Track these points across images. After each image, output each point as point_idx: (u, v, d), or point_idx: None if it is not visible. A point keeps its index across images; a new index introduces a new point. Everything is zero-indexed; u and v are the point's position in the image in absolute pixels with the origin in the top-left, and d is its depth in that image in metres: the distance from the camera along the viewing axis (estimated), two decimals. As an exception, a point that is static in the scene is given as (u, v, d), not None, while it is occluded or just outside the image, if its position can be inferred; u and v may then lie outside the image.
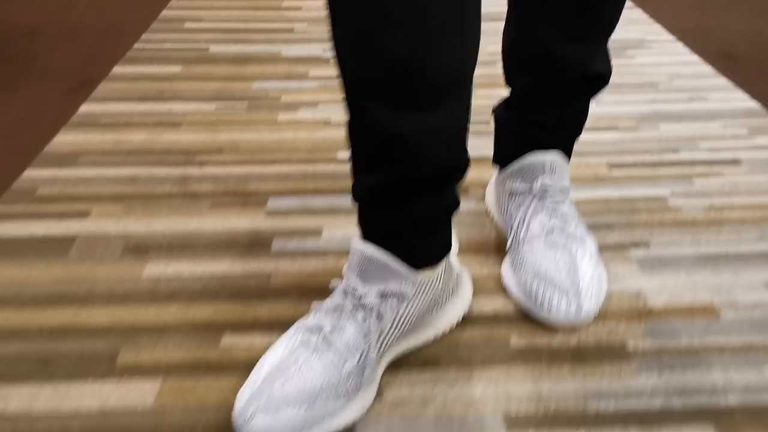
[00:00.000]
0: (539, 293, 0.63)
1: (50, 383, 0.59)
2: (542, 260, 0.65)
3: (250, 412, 0.51)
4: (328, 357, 0.54)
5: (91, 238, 0.78)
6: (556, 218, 0.68)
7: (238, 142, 0.99)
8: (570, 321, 0.62)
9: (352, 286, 0.56)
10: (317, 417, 0.52)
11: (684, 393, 0.58)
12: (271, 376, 0.53)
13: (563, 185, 0.69)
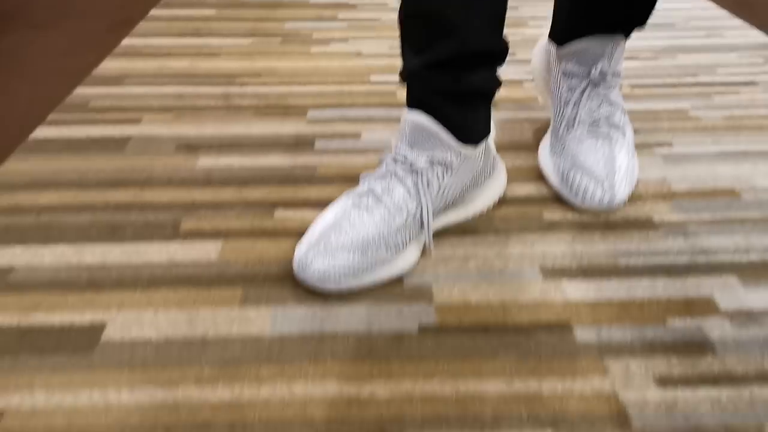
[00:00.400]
0: (575, 181, 0.67)
1: (120, 244, 0.64)
2: (583, 150, 0.68)
3: (309, 258, 0.56)
4: (379, 212, 0.58)
5: (145, 139, 0.83)
6: (605, 106, 0.70)
7: (275, 68, 1.04)
8: (602, 208, 0.66)
9: (402, 153, 0.60)
10: (370, 263, 0.57)
11: (708, 252, 0.62)
12: (327, 230, 0.58)
13: (617, 69, 0.70)
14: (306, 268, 0.56)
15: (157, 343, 0.52)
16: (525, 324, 0.54)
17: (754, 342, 0.52)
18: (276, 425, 0.46)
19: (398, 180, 0.60)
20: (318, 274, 0.56)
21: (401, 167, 0.60)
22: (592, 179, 0.66)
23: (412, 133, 0.59)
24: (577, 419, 0.46)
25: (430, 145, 0.59)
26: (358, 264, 0.56)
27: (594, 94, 0.70)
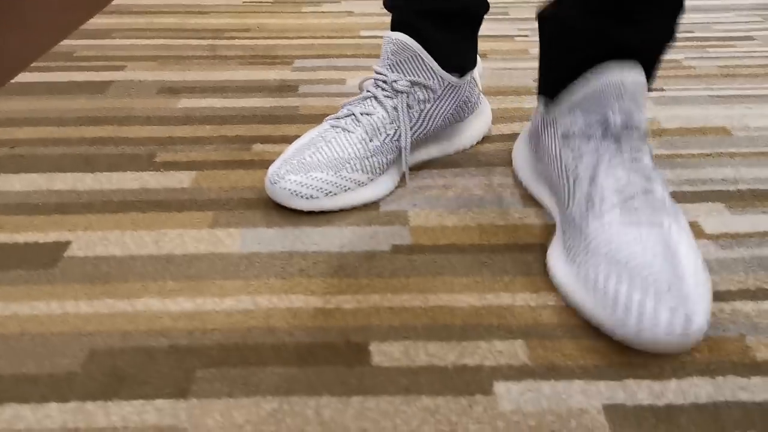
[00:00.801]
0: (620, 299, 0.41)
1: (92, 173, 0.62)
2: (621, 246, 0.43)
3: (282, 173, 0.54)
4: (356, 133, 0.57)
5: (127, 83, 0.82)
6: (637, 179, 0.45)
7: (264, 24, 1.03)
8: (673, 345, 0.39)
9: (383, 75, 0.58)
10: (343, 184, 0.55)
11: (696, 182, 0.60)
12: (302, 148, 0.57)
13: (643, 126, 0.47)
14: (277, 182, 0.54)
15: (121, 259, 0.51)
16: (501, 245, 0.52)
17: (738, 261, 0.50)
18: (236, 333, 0.44)
19: (378, 102, 0.58)
20: (289, 190, 0.54)
21: (381, 90, 0.58)
22: (647, 294, 0.40)
23: (394, 53, 0.57)
24: (549, 330, 0.44)
25: (412, 68, 0.57)
26: (332, 183, 0.55)
27: (617, 157, 0.46)
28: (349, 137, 0.57)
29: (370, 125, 0.57)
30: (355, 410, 0.38)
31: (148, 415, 0.38)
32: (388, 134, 0.57)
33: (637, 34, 0.46)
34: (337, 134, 0.57)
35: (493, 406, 0.39)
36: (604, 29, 0.46)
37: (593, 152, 0.47)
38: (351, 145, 0.56)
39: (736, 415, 0.38)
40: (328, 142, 0.56)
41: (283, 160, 0.56)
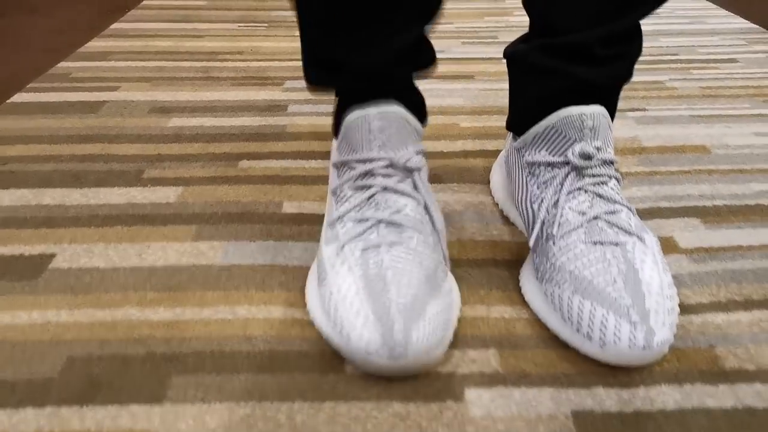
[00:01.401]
0: (583, 315, 0.42)
1: (80, 188, 0.63)
2: (585, 264, 0.44)
3: (399, 338, 0.39)
4: (414, 239, 0.45)
5: (120, 102, 0.83)
6: (599, 204, 0.47)
7: (257, 47, 1.05)
8: (635, 358, 0.40)
9: (384, 159, 0.47)
10: (446, 299, 0.44)
11: (672, 199, 0.61)
12: (378, 296, 0.41)
13: (607, 156, 0.48)
14: (405, 352, 0.39)
15: (104, 270, 0.52)
16: (480, 260, 0.53)
17: (711, 275, 0.50)
18: (213, 341, 0.45)
19: (397, 193, 0.47)
20: (424, 348, 0.39)
21: (389, 177, 0.47)
22: (610, 309, 0.41)
23: (383, 130, 0.47)
24: (522, 340, 0.45)
25: (405, 139, 0.48)
26: (443, 303, 0.43)
27: (579, 188, 0.47)
28: (411, 248, 0.45)
29: (415, 222, 0.46)
30: (327, 415, 0.39)
31: (122, 420, 0.39)
32: (429, 222, 0.48)
33: (597, 75, 0.48)
34: (392, 253, 0.44)
35: (463, 412, 0.39)
36: (568, 70, 0.48)
37: (556, 180, 0.48)
38: (424, 255, 0.45)
39: (702, 421, 0.38)
40: (401, 272, 0.43)
41: (376, 324, 0.40)
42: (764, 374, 0.41)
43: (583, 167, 0.47)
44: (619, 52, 0.47)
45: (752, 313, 0.46)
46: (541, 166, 0.50)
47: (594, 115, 0.47)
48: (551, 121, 0.48)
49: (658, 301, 0.41)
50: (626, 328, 0.40)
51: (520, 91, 0.53)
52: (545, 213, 0.48)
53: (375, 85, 0.49)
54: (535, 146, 0.50)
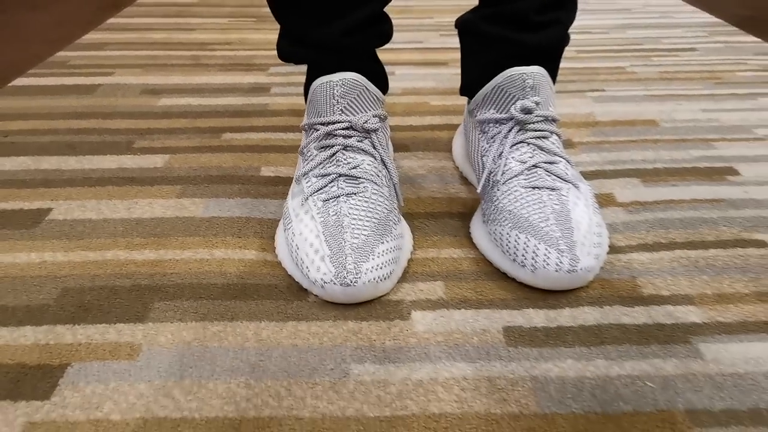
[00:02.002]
0: (518, 246, 0.48)
1: (76, 156, 0.69)
2: (523, 205, 0.49)
3: (351, 269, 0.45)
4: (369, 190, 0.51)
5: (114, 85, 0.89)
6: (539, 155, 0.52)
7: (246, 39, 1.11)
8: (562, 281, 0.46)
9: (345, 121, 0.52)
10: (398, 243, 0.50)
11: (617, 163, 0.67)
12: (336, 237, 0.47)
13: (548, 113, 0.53)
14: (356, 281, 0.45)
15: (95, 221, 0.57)
16: (436, 212, 0.59)
17: (642, 223, 0.56)
18: (192, 276, 0.50)
19: (355, 151, 0.53)
20: (373, 280, 0.46)
21: (350, 138, 0.53)
22: (541, 240, 0.47)
23: (343, 95, 0.52)
24: (467, 274, 0.50)
25: (365, 104, 0.54)
26: (394, 247, 0.49)
27: (521, 140, 0.53)
28: (366, 197, 0.50)
29: (371, 176, 0.52)
30: (289, 332, 0.44)
31: (109, 335, 0.44)
32: (384, 176, 0.53)
33: (533, 39, 0.54)
34: (350, 203, 0.50)
35: (408, 328, 0.44)
36: (509, 35, 0.54)
37: (502, 134, 0.54)
38: (377, 203, 0.50)
39: (616, 333, 0.44)
40: (355, 216, 0.49)
41: (332, 259, 0.46)
42: (676, 298, 0.47)
43: (525, 122, 0.53)
44: (552, 18, 0.53)
45: (674, 252, 0.52)
46: (490, 123, 0.55)
47: (534, 74, 0.52)
48: (496, 82, 0.54)
49: (585, 235, 0.47)
50: (554, 255, 0.46)
51: (470, 57, 0.59)
52: (491, 163, 0.54)
53: (337, 58, 0.54)
54: (485, 106, 0.56)
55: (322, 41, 0.54)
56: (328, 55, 0.55)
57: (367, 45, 0.56)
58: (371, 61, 0.59)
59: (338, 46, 0.54)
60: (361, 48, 0.56)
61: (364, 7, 0.53)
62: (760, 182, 0.62)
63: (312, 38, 0.54)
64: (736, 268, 0.50)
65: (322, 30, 0.53)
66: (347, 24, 0.53)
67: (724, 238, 0.54)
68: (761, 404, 0.38)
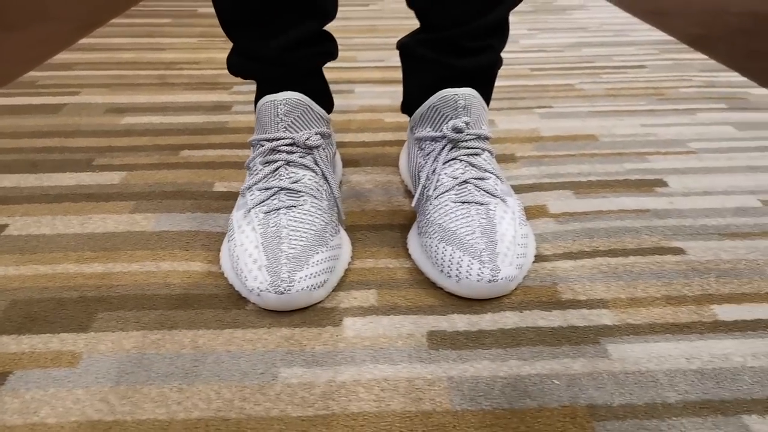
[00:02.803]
0: (444, 257, 0.51)
1: (36, 174, 0.71)
2: (451, 219, 0.53)
3: (285, 277, 0.48)
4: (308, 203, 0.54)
5: (79, 104, 0.92)
6: (470, 171, 0.56)
7: (213, 58, 1.14)
8: (483, 290, 0.49)
9: (288, 138, 0.55)
10: (334, 253, 0.53)
11: (554, 176, 0.70)
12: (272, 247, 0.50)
13: (480, 132, 0.57)
14: (289, 289, 0.47)
15: (49, 236, 0.59)
16: (378, 225, 0.62)
17: (569, 233, 0.59)
18: (137, 287, 0.52)
19: (297, 166, 0.56)
20: (307, 288, 0.48)
21: (293, 154, 0.56)
22: (466, 252, 0.50)
23: (287, 114, 0.55)
24: (399, 283, 0.53)
25: (308, 122, 0.57)
26: (329, 257, 0.51)
27: (454, 157, 0.56)
28: (305, 210, 0.53)
29: (311, 189, 0.55)
30: (225, 339, 0.47)
31: (52, 344, 0.46)
32: (325, 190, 0.56)
33: (468, 64, 0.57)
34: (289, 215, 0.52)
35: (339, 333, 0.47)
36: (443, 60, 0.57)
37: (436, 151, 0.57)
38: (315, 216, 0.53)
39: (531, 335, 0.47)
40: (293, 228, 0.51)
41: (268, 269, 0.48)
42: (591, 302, 0.50)
43: (457, 140, 0.56)
44: (484, 45, 0.57)
45: (595, 259, 0.55)
46: (426, 141, 0.58)
47: (465, 95, 0.56)
48: (431, 102, 0.57)
49: (509, 247, 0.51)
50: (476, 266, 0.49)
51: (409, 78, 0.63)
52: (425, 178, 0.57)
53: (281, 73, 0.58)
54: (421, 124, 0.59)
55: (266, 55, 0.57)
56: (272, 70, 0.58)
57: (309, 62, 0.60)
58: (317, 80, 0.62)
59: (281, 60, 0.57)
60: (304, 64, 0.59)
61: (302, 26, 0.56)
62: (686, 193, 0.66)
63: (257, 53, 0.57)
64: (652, 273, 0.53)
65: (266, 44, 0.56)
66: (288, 39, 0.56)
67: (645, 246, 0.57)
68: (657, 399, 0.41)
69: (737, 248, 0.56)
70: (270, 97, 0.56)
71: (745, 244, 0.57)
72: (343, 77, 1.03)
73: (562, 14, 1.47)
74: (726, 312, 0.49)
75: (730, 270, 0.54)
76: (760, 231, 0.59)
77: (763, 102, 0.92)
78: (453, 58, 0.57)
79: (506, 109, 0.90)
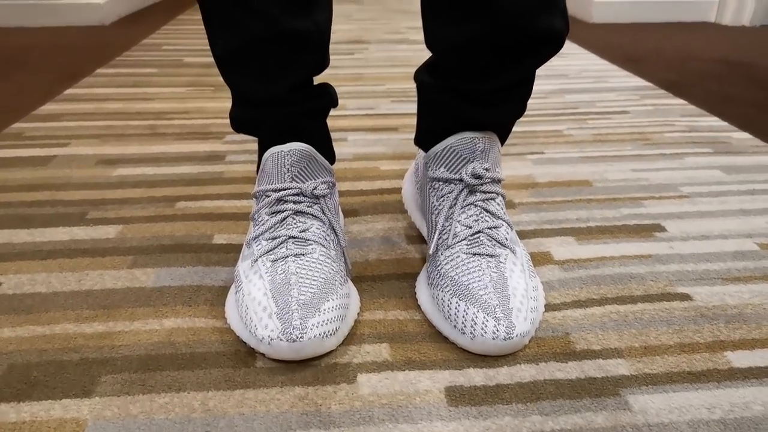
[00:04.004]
0: (458, 313, 0.50)
1: (28, 229, 0.69)
2: (463, 273, 0.52)
3: (298, 324, 0.47)
4: (317, 251, 0.54)
5: (69, 156, 0.90)
6: (485, 218, 0.56)
7: (203, 108, 1.15)
8: (498, 347, 0.48)
9: (295, 188, 0.56)
10: (344, 302, 0.52)
11: (554, 222, 0.71)
12: (282, 294, 0.49)
13: (496, 176, 0.57)
14: (302, 336, 0.46)
15: (45, 295, 0.57)
16: (383, 275, 0.61)
17: (576, 280, 0.59)
18: (140, 347, 0.51)
19: (305, 216, 0.56)
20: (319, 335, 0.47)
21: (300, 204, 0.56)
22: (480, 309, 0.49)
23: (294, 164, 0.56)
24: (412, 336, 0.52)
25: (314, 172, 0.57)
26: (340, 305, 0.51)
27: (470, 203, 0.56)
28: (314, 258, 0.53)
29: (319, 238, 0.55)
30: (236, 400, 0.45)
31: (54, 411, 0.44)
32: (332, 239, 0.56)
33: (490, 115, 0.57)
34: (298, 262, 0.52)
35: (354, 391, 0.46)
36: (463, 108, 0.56)
37: (452, 195, 0.56)
38: (324, 264, 0.53)
39: (551, 388, 0.46)
40: (303, 275, 0.51)
41: (279, 316, 0.48)
42: (606, 352, 0.50)
43: (473, 187, 0.56)
44: (506, 97, 0.56)
45: (605, 307, 0.55)
46: (440, 182, 0.58)
47: (485, 139, 0.56)
48: (449, 143, 0.56)
49: (521, 301, 0.50)
50: (491, 324, 0.48)
51: (426, 114, 0.62)
52: (441, 225, 0.56)
53: (284, 115, 0.58)
54: (436, 163, 0.58)
55: (268, 98, 0.57)
56: (275, 113, 0.58)
57: (311, 105, 0.59)
58: (320, 131, 0.63)
59: (284, 101, 0.57)
60: (307, 107, 0.59)
61: (302, 71, 0.57)
62: (685, 238, 0.67)
63: (258, 96, 0.58)
64: (662, 320, 0.53)
65: (267, 87, 0.56)
66: (290, 82, 0.56)
67: (651, 292, 0.57)
68: (684, 452, 0.41)
69: (742, 293, 0.57)
70: (276, 148, 0.57)
71: (748, 288, 0.58)
72: (335, 125, 1.04)
73: (542, 62, 1.51)
74: (739, 359, 0.49)
75: (737, 315, 0.54)
76: (762, 275, 0.60)
77: (746, 145, 0.95)
78: (474, 108, 0.56)
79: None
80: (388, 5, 2.41)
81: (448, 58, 0.55)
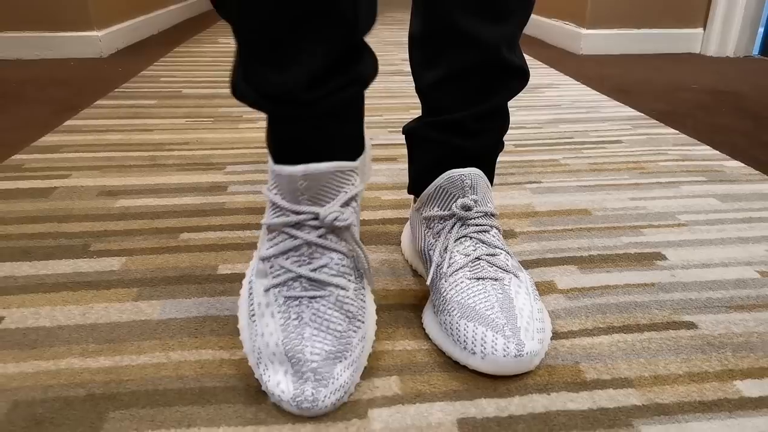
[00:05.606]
0: (467, 333, 0.50)
1: (30, 261, 0.69)
2: (469, 295, 0.53)
3: (309, 394, 0.46)
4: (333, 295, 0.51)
5: (70, 188, 0.90)
6: (481, 248, 0.56)
7: (203, 138, 1.15)
8: (510, 365, 0.48)
9: (309, 213, 0.50)
10: (356, 344, 0.51)
11: (556, 251, 0.71)
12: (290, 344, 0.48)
13: (487, 209, 0.58)
14: (314, 406, 0.46)
15: (49, 329, 0.57)
16: (390, 305, 0.61)
17: (581, 309, 0.60)
18: (148, 382, 0.50)
19: (322, 248, 0.51)
20: (332, 404, 0.46)
21: (318, 229, 0.50)
22: (488, 327, 0.50)
23: (308, 188, 0.49)
24: (420, 367, 0.52)
25: (336, 187, 0.50)
26: (353, 361, 0.49)
27: (463, 235, 0.57)
28: (330, 304, 0.50)
29: (334, 278, 0.51)
30: (247, 435, 0.45)
31: (61, 449, 0.43)
32: (352, 270, 0.53)
33: (471, 143, 0.59)
34: (312, 308, 0.50)
35: (365, 426, 0.46)
36: (448, 140, 0.59)
37: (446, 229, 0.58)
38: (340, 311, 0.50)
39: (563, 419, 0.46)
40: (316, 327, 0.49)
41: (292, 378, 0.47)
42: (617, 382, 0.50)
43: (466, 218, 0.57)
44: (486, 126, 0.59)
45: (612, 336, 0.55)
46: (434, 220, 0.59)
47: (471, 175, 0.58)
48: (439, 183, 0.58)
49: (528, 321, 0.51)
50: (501, 341, 0.49)
51: (416, 160, 0.64)
52: (438, 257, 0.57)
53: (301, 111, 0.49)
54: (429, 204, 0.60)
55: (279, 93, 0.48)
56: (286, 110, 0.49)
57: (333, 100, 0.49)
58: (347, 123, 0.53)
59: (299, 100, 0.48)
60: (327, 105, 0.49)
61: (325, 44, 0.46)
62: (686, 266, 0.68)
63: (269, 86, 0.48)
64: (669, 350, 0.54)
65: (279, 77, 0.47)
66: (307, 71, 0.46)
67: (657, 320, 0.58)
68: (699, 482, 0.41)
69: (746, 321, 0.58)
70: (289, 169, 0.48)
71: (753, 316, 0.59)
72: (334, 156, 1.05)
73: (534, 92, 1.54)
74: (749, 388, 0.49)
75: (744, 344, 0.55)
76: (765, 303, 0.61)
77: (739, 174, 0.97)
78: (458, 138, 0.58)
79: (498, 185, 0.92)
80: (382, 38, 2.45)
81: (435, 94, 0.58)
